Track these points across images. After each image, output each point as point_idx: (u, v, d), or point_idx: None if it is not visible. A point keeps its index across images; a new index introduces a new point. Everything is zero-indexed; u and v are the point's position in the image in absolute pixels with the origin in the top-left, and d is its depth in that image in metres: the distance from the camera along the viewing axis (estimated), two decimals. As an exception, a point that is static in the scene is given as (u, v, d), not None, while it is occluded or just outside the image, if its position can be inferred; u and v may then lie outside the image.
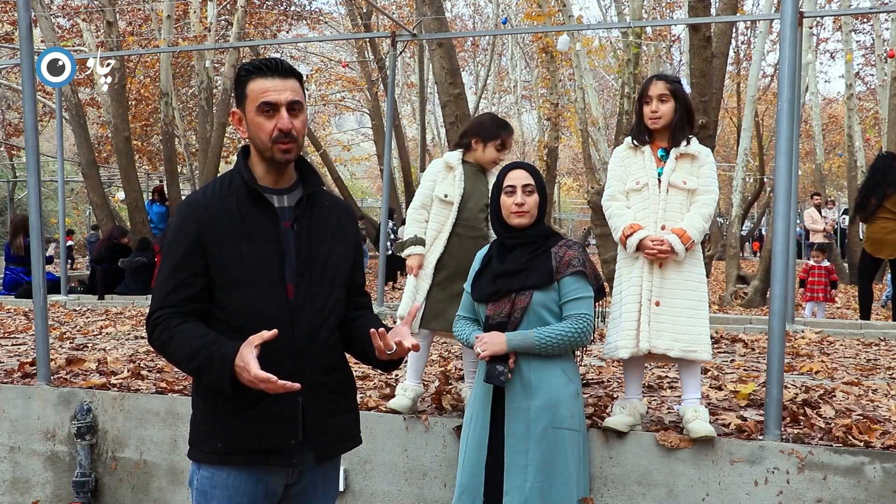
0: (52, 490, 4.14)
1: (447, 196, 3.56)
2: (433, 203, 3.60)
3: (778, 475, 3.09)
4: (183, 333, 1.98)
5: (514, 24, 20.32)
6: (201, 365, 1.95)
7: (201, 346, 1.95)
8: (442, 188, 3.59)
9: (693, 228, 3.15)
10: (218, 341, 1.96)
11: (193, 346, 1.96)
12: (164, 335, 2.01)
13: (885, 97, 14.29)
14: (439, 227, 3.57)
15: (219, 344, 1.95)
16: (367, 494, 3.66)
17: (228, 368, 1.90)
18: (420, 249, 3.57)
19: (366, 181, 38.80)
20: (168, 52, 12.81)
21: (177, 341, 1.98)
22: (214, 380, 1.95)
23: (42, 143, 16.41)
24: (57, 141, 9.96)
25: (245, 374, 1.88)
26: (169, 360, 2.07)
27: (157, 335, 2.02)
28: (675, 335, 3.12)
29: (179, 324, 2.00)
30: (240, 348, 1.90)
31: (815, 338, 6.15)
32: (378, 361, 2.16)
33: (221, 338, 1.97)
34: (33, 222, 4.26)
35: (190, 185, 18.06)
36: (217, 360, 1.92)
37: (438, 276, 3.56)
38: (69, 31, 18.29)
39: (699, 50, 7.65)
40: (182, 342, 1.97)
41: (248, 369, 1.86)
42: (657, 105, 3.21)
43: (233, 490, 2.07)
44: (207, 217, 2.04)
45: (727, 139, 27.05)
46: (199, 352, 1.95)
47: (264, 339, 1.89)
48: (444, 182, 3.60)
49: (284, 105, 2.03)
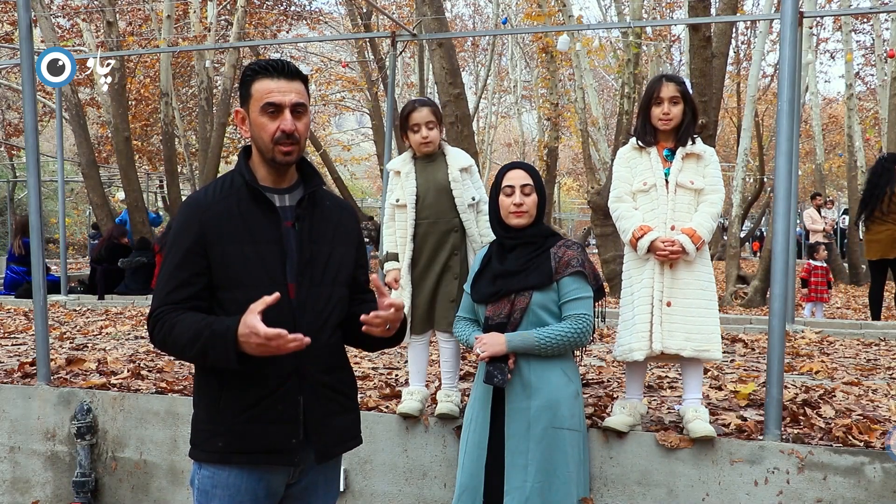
0: (52, 490, 4.14)
1: (399, 200, 3.53)
2: (394, 211, 3.57)
3: (778, 475, 3.09)
4: (183, 321, 1.99)
5: (514, 24, 20.32)
6: (205, 344, 1.94)
7: (203, 326, 1.95)
8: (394, 195, 3.57)
9: (703, 228, 3.15)
10: (218, 319, 1.96)
11: (195, 329, 1.96)
12: (164, 328, 2.01)
13: (885, 97, 14.29)
14: (403, 233, 3.53)
15: (219, 320, 1.96)
16: (367, 494, 3.66)
17: (232, 339, 1.90)
18: (395, 264, 3.55)
19: (366, 181, 38.79)
20: (168, 52, 12.81)
21: (178, 329, 1.98)
22: (220, 356, 1.93)
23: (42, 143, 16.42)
24: (57, 141, 9.96)
25: (254, 339, 1.86)
26: (172, 353, 2.07)
27: (158, 330, 2.03)
28: (687, 335, 3.12)
29: (179, 315, 2.01)
30: (241, 318, 1.89)
31: (815, 338, 6.15)
32: (382, 339, 2.15)
33: (221, 317, 1.98)
34: (33, 222, 4.26)
35: (190, 185, 18.05)
36: (219, 335, 1.92)
37: (415, 277, 3.52)
38: (69, 31, 18.29)
39: (699, 50, 7.66)
40: (183, 329, 1.98)
41: (255, 331, 1.84)
42: (669, 107, 3.20)
43: (234, 489, 2.08)
44: (209, 217, 2.05)
45: (727, 139, 27.05)
46: (202, 332, 1.95)
47: (267, 303, 1.87)
48: (396, 188, 3.57)
49: (288, 106, 2.04)
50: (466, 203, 3.47)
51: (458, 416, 3.50)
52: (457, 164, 3.49)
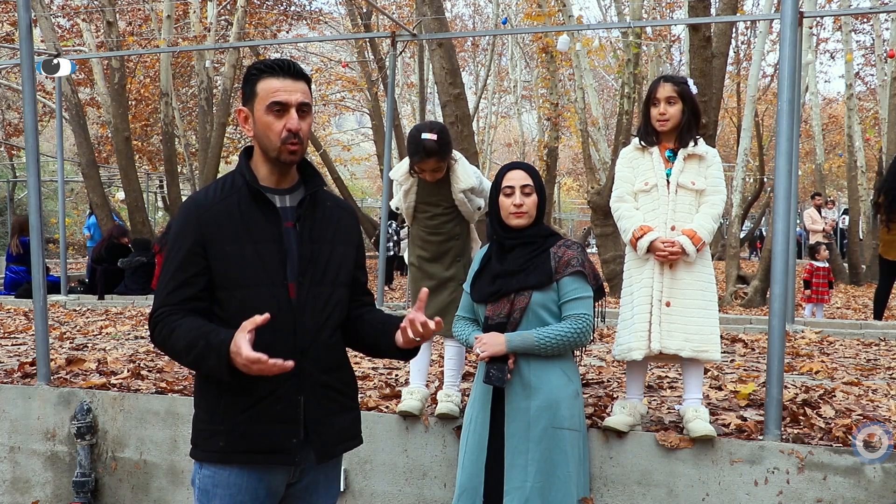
0: (52, 490, 4.14)
1: (398, 209, 3.63)
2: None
3: (778, 475, 3.09)
4: (182, 326, 2.00)
5: (514, 24, 20.32)
6: (200, 354, 1.96)
7: (199, 335, 1.96)
8: (394, 201, 3.67)
9: (703, 229, 3.15)
10: (215, 330, 1.97)
11: (192, 336, 1.97)
12: (164, 331, 2.02)
13: (885, 97, 14.30)
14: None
15: (215, 332, 1.96)
16: (367, 494, 3.66)
17: (225, 354, 1.91)
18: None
19: (366, 181, 38.79)
20: (168, 52, 12.81)
21: (176, 334, 2.00)
22: (213, 368, 1.96)
23: (42, 143, 16.41)
24: (57, 141, 9.96)
25: (238, 359, 1.88)
26: (170, 356, 2.08)
27: (159, 332, 2.04)
28: (686, 335, 3.12)
29: (179, 318, 2.02)
30: (234, 334, 1.90)
31: (815, 338, 6.15)
32: (398, 351, 2.16)
33: (219, 327, 1.99)
34: (33, 222, 4.26)
35: (190, 185, 18.06)
36: (214, 348, 1.93)
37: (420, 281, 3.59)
38: (69, 31, 18.29)
39: (699, 50, 7.67)
40: (181, 334, 1.99)
41: (239, 353, 1.86)
42: (665, 107, 3.21)
43: (234, 489, 2.08)
44: (210, 217, 2.05)
45: (727, 139, 27.05)
46: (198, 341, 1.96)
47: (257, 323, 1.88)
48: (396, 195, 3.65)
49: (295, 106, 2.04)
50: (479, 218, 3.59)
51: (458, 416, 3.50)
52: (460, 186, 3.49)
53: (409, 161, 3.47)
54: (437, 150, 3.37)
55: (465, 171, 3.51)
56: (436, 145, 3.36)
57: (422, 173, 3.47)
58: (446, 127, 3.55)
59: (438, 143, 3.36)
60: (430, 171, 3.44)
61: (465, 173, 3.51)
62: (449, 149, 3.44)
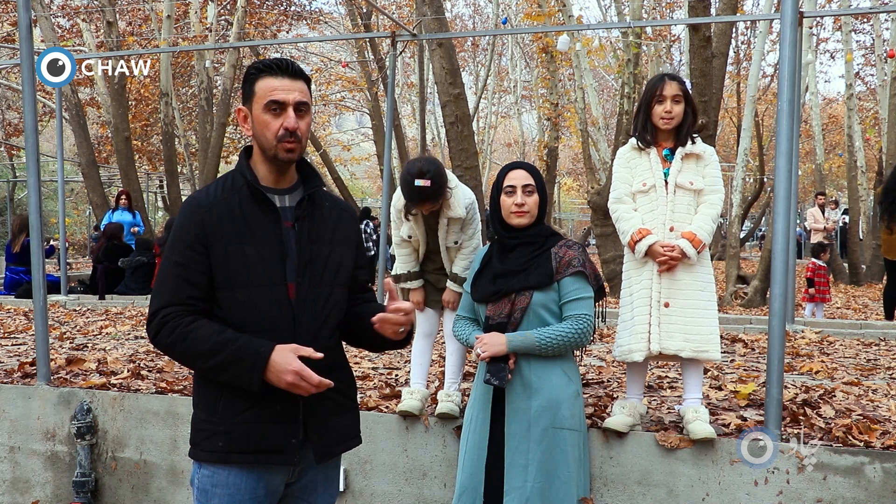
0: (52, 490, 4.14)
1: (411, 237, 3.57)
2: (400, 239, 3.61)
3: (778, 475, 3.09)
4: (200, 330, 1.99)
5: (514, 24, 20.32)
6: (226, 360, 1.96)
7: (225, 341, 1.97)
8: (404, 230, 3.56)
9: (703, 231, 3.15)
10: (244, 338, 1.99)
11: (216, 341, 1.97)
12: (174, 333, 2.00)
13: (885, 97, 14.30)
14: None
15: (246, 340, 1.98)
16: (367, 494, 3.66)
17: (262, 364, 1.95)
18: (416, 284, 3.62)
19: (366, 181, 38.79)
20: (168, 52, 12.81)
21: (194, 337, 1.98)
22: (241, 375, 1.97)
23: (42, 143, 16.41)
24: (57, 141, 9.95)
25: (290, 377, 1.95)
26: (179, 358, 2.06)
27: (167, 333, 2.01)
28: (686, 336, 3.12)
29: (192, 321, 2.00)
30: (276, 348, 1.97)
31: (815, 338, 6.15)
32: (391, 341, 2.18)
33: (244, 335, 2.00)
34: (33, 222, 4.26)
35: (190, 185, 18.06)
36: (248, 356, 1.95)
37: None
38: (69, 31, 18.30)
39: (699, 50, 7.66)
40: (201, 337, 1.98)
41: (308, 378, 1.96)
42: (671, 105, 3.19)
43: (234, 489, 2.08)
44: (210, 217, 2.05)
45: (727, 139, 27.05)
46: (224, 346, 1.96)
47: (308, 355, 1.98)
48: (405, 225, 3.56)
49: (292, 105, 2.04)
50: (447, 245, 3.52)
51: (459, 416, 3.50)
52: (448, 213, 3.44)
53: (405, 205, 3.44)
54: (432, 195, 3.31)
55: (457, 200, 3.45)
56: (430, 191, 3.29)
57: (416, 215, 3.48)
58: (439, 164, 3.40)
59: (432, 187, 3.28)
60: (426, 210, 3.44)
61: (458, 203, 3.44)
62: (444, 189, 3.36)
